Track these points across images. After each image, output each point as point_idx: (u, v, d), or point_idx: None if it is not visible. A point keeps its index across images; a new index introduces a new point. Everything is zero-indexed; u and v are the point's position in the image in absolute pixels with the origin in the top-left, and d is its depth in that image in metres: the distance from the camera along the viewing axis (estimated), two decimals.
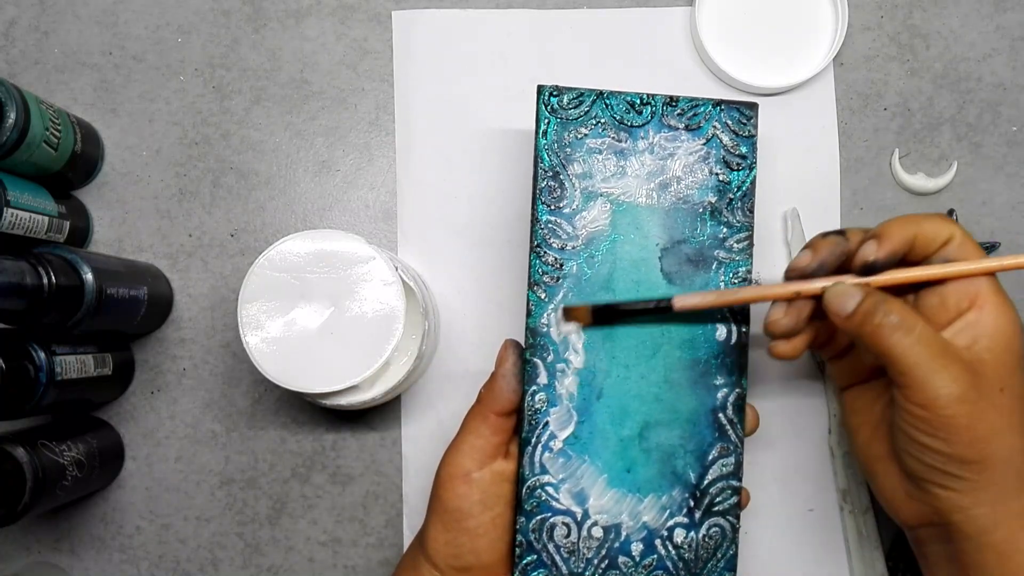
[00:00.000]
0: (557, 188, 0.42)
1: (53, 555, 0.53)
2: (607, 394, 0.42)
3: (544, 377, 0.42)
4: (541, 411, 0.42)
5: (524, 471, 0.41)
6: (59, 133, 0.49)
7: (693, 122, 0.43)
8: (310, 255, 0.44)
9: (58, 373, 0.45)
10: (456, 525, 0.40)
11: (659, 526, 0.42)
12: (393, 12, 0.56)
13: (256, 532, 0.54)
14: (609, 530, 0.41)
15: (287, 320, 0.44)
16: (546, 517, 0.41)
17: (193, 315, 0.54)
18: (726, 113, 0.43)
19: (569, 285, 0.42)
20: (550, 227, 0.42)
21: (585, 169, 0.43)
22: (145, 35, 0.56)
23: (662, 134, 0.43)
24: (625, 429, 0.42)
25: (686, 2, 0.56)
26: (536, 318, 0.42)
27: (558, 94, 0.43)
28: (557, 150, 0.43)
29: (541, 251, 0.42)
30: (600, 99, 0.43)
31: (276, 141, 0.56)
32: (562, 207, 0.42)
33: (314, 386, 0.44)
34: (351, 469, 0.54)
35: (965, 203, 0.56)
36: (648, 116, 0.43)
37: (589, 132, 0.43)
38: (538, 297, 0.42)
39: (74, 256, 0.44)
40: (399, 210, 0.55)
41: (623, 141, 0.43)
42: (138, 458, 0.54)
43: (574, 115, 0.43)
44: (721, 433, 0.42)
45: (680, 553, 0.42)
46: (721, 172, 0.43)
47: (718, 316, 0.43)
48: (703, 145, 0.43)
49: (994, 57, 0.56)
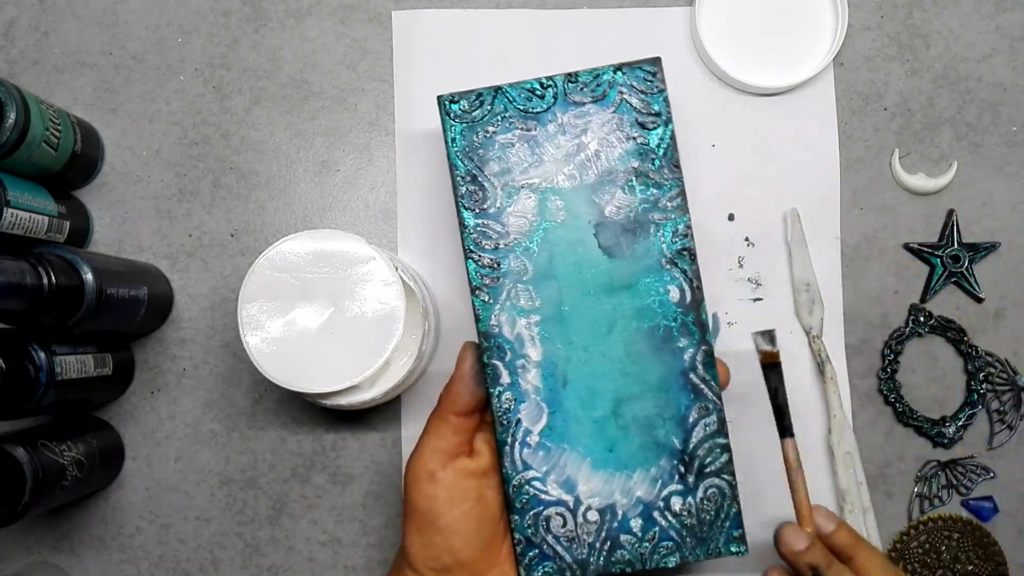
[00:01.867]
0: (478, 191, 0.42)
1: (53, 555, 0.53)
2: (572, 379, 0.42)
3: (506, 377, 0.42)
4: (511, 410, 0.41)
5: (507, 471, 0.41)
6: (59, 133, 0.49)
7: (598, 92, 0.43)
8: (310, 255, 0.44)
9: (58, 373, 0.45)
10: (428, 526, 0.41)
11: (654, 498, 0.42)
12: (393, 12, 0.56)
13: (256, 532, 0.54)
14: (604, 511, 0.41)
15: (287, 320, 0.44)
16: (539, 511, 0.41)
17: (193, 315, 0.54)
18: (629, 75, 0.43)
19: (511, 281, 0.42)
20: (479, 230, 0.42)
21: (502, 166, 0.42)
22: (145, 35, 0.56)
23: (570, 112, 0.42)
24: (597, 410, 0.42)
25: (686, 2, 0.56)
26: (485, 321, 0.42)
27: (457, 100, 0.43)
28: (469, 153, 0.42)
29: (475, 255, 0.42)
30: (500, 94, 0.43)
31: (276, 141, 0.56)
32: (487, 208, 0.42)
33: (314, 386, 0.44)
34: (351, 469, 0.54)
35: (965, 203, 0.56)
36: (552, 98, 0.43)
37: (497, 129, 0.42)
38: (483, 301, 0.42)
39: (74, 256, 0.44)
40: (399, 210, 0.55)
41: (532, 129, 0.42)
42: (138, 458, 0.54)
43: (478, 116, 0.43)
44: (697, 394, 0.42)
45: (681, 520, 0.42)
46: (638, 135, 0.43)
47: (667, 278, 0.42)
48: (613, 113, 0.43)
49: (994, 57, 0.56)
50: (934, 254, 0.55)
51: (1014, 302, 0.56)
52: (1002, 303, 0.55)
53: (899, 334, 0.55)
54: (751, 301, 0.55)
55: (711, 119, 0.56)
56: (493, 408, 0.41)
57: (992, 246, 0.55)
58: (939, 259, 0.55)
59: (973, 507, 0.54)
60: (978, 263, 0.55)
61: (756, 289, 0.55)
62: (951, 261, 0.54)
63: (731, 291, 0.55)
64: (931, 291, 0.55)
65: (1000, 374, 0.55)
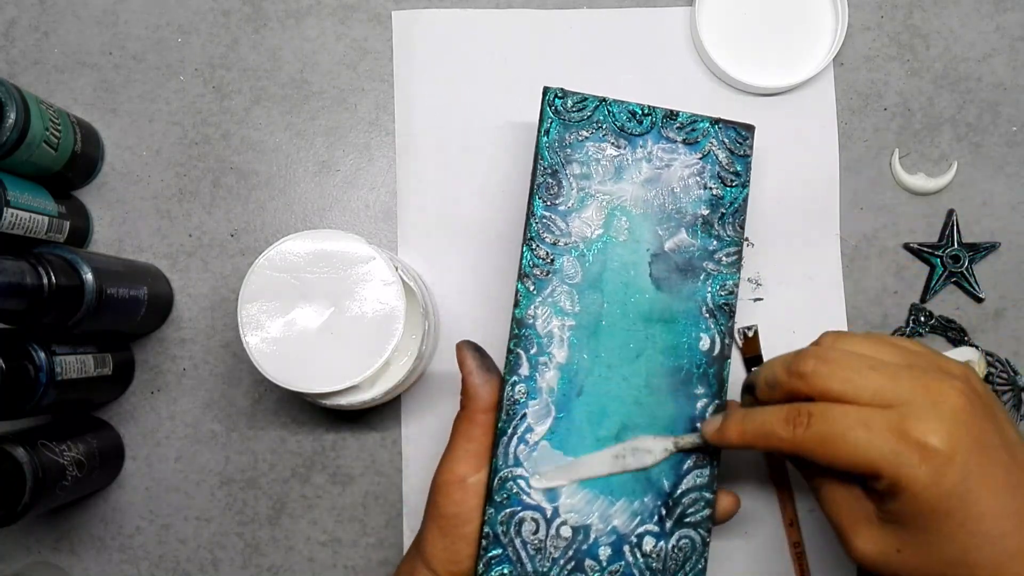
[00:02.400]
0: (555, 185, 0.43)
1: (53, 555, 0.53)
2: (587, 392, 0.42)
3: (526, 369, 0.42)
4: (520, 402, 0.41)
5: (497, 461, 0.41)
6: (59, 133, 0.49)
7: (691, 136, 0.44)
8: (310, 255, 0.44)
9: (58, 373, 0.45)
10: (453, 531, 0.40)
11: (629, 532, 0.41)
12: (393, 12, 0.56)
13: (256, 532, 0.54)
14: (578, 531, 0.41)
15: (287, 320, 0.44)
16: (515, 511, 0.41)
17: (193, 315, 0.54)
18: (723, 132, 0.45)
19: (558, 280, 0.43)
20: (544, 222, 0.43)
21: (584, 170, 0.44)
22: (145, 35, 0.56)
23: (660, 145, 0.44)
24: (602, 429, 0.42)
25: (686, 2, 0.56)
26: (523, 309, 0.42)
27: (563, 96, 0.44)
28: (558, 149, 0.43)
29: (534, 244, 0.43)
30: (603, 105, 0.44)
31: (276, 141, 0.55)
32: (558, 204, 0.43)
33: (314, 386, 0.44)
34: (351, 469, 0.54)
35: (965, 203, 0.56)
36: (648, 126, 0.44)
37: (590, 135, 0.44)
38: (527, 289, 0.42)
39: (74, 256, 0.44)
40: (399, 210, 0.55)
41: (623, 148, 0.44)
42: (138, 458, 0.54)
43: (576, 118, 0.44)
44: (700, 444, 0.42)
45: (648, 562, 0.41)
46: (715, 187, 0.44)
47: (703, 326, 0.43)
48: (699, 160, 0.44)
49: (994, 57, 0.56)
50: (934, 254, 0.55)
51: (1014, 302, 0.55)
52: (1002, 303, 0.55)
53: (899, 334, 0.55)
54: (751, 301, 0.55)
55: None
56: (504, 395, 0.41)
57: (992, 246, 0.55)
58: (939, 259, 0.55)
59: None
60: (978, 263, 0.55)
61: (756, 289, 0.55)
62: (951, 261, 0.54)
63: None
64: (931, 291, 0.55)
65: (1000, 374, 0.55)
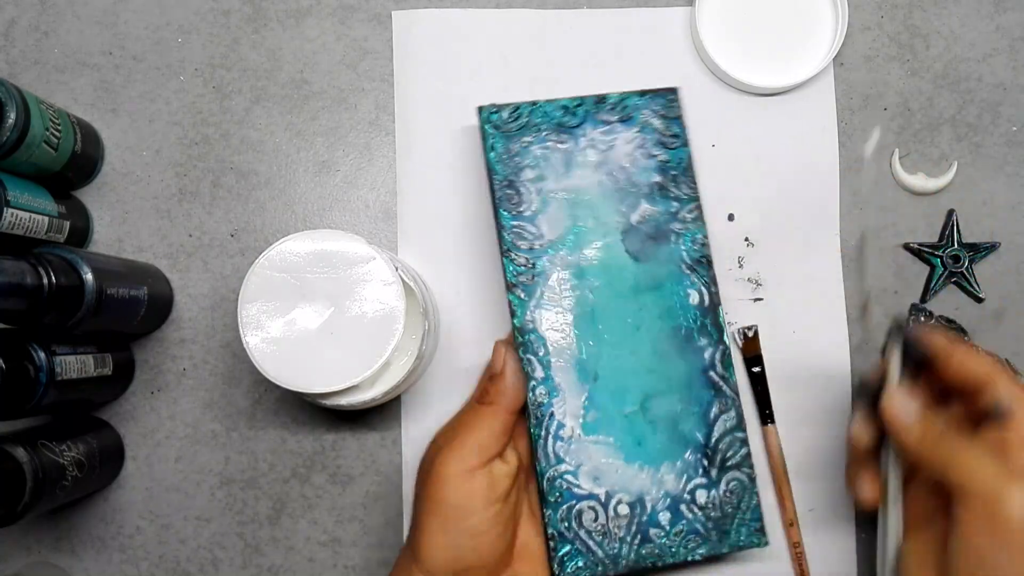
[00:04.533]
0: (515, 195, 0.45)
1: (53, 555, 0.53)
2: (602, 375, 0.44)
3: (540, 371, 0.43)
4: (544, 404, 0.43)
5: (541, 464, 0.43)
6: (59, 133, 0.49)
7: (625, 113, 0.47)
8: (310, 255, 0.44)
9: (58, 373, 0.45)
10: (457, 524, 0.40)
11: (680, 491, 0.43)
12: (393, 12, 0.56)
13: (256, 532, 0.54)
14: (634, 505, 0.43)
15: (287, 320, 0.44)
16: (572, 505, 0.42)
17: (193, 315, 0.54)
18: (653, 101, 0.48)
19: (545, 280, 0.45)
20: (515, 231, 0.45)
21: (537, 174, 0.46)
22: (145, 35, 0.56)
23: (599, 129, 0.47)
24: (627, 405, 0.44)
25: (686, 2, 0.56)
26: (521, 317, 0.44)
27: (497, 111, 0.46)
28: (507, 160, 0.46)
29: (512, 254, 0.45)
30: (536, 108, 0.47)
31: (276, 141, 0.55)
32: (523, 211, 0.45)
33: (314, 386, 0.44)
34: (351, 469, 0.54)
35: (965, 203, 0.56)
36: (583, 116, 0.47)
37: (533, 139, 0.46)
38: (518, 298, 0.44)
39: (74, 256, 0.44)
40: (399, 210, 0.55)
41: (565, 142, 0.46)
42: (138, 458, 0.54)
43: (515, 127, 0.46)
44: (717, 391, 0.44)
45: (707, 513, 0.43)
46: (660, 153, 0.47)
47: (687, 282, 0.45)
48: (638, 132, 0.47)
49: (994, 57, 0.56)
50: (934, 254, 0.55)
51: (1014, 302, 0.55)
52: (1002, 303, 0.55)
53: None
54: (751, 301, 0.55)
55: (711, 119, 0.55)
56: (528, 402, 0.43)
57: (992, 246, 0.55)
58: (939, 259, 0.55)
59: None
60: (978, 263, 0.55)
61: (756, 289, 0.55)
62: (951, 261, 0.54)
63: (731, 291, 0.55)
64: (931, 291, 0.55)
65: None
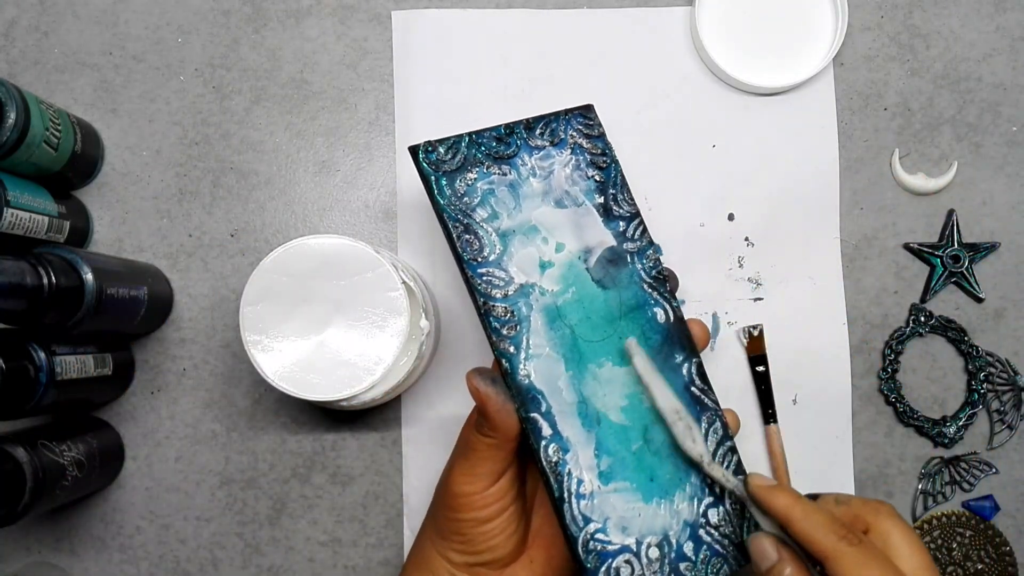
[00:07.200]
0: (474, 240, 0.42)
1: (53, 555, 0.53)
2: (603, 417, 0.41)
3: (547, 428, 0.40)
4: (560, 463, 0.40)
5: (571, 530, 0.40)
6: (59, 133, 0.49)
7: (554, 136, 0.44)
8: (313, 259, 0.44)
9: (58, 373, 0.45)
10: (472, 532, 0.41)
11: (696, 516, 0.42)
12: (393, 12, 0.56)
13: (256, 532, 0.54)
14: (662, 545, 0.41)
15: (289, 323, 0.44)
16: (609, 564, 0.40)
17: (193, 315, 0.54)
18: (574, 119, 0.45)
19: (527, 328, 0.41)
20: (487, 279, 0.41)
21: (489, 212, 0.42)
22: (145, 35, 0.56)
23: (535, 156, 0.44)
24: (632, 442, 0.41)
25: (686, 2, 0.56)
26: (516, 373, 0.40)
27: (433, 148, 0.42)
28: (456, 201, 0.42)
29: (490, 305, 0.41)
30: (472, 139, 0.43)
31: (276, 141, 0.55)
32: (487, 256, 0.42)
33: (316, 392, 0.44)
34: (351, 469, 0.54)
35: (965, 203, 0.56)
36: (517, 143, 0.44)
37: (477, 175, 0.43)
38: (508, 352, 0.41)
39: (74, 256, 0.44)
40: (399, 210, 0.55)
41: (508, 173, 0.43)
42: (138, 458, 0.54)
43: (455, 164, 0.43)
44: (700, 405, 0.43)
45: (721, 531, 0.42)
46: (594, 173, 0.45)
47: (652, 301, 0.43)
48: (570, 154, 0.44)
49: (994, 57, 0.56)
50: (934, 254, 0.55)
51: (1014, 302, 0.56)
52: (1002, 303, 0.55)
53: (899, 334, 0.55)
54: (751, 301, 0.55)
55: (711, 119, 0.56)
56: (543, 464, 0.40)
57: (992, 246, 0.55)
58: (939, 259, 0.55)
59: (974, 507, 0.54)
60: (978, 263, 0.55)
61: (756, 289, 0.55)
62: (951, 261, 0.54)
63: (731, 291, 0.55)
64: (931, 291, 0.55)
65: (1000, 374, 0.55)
